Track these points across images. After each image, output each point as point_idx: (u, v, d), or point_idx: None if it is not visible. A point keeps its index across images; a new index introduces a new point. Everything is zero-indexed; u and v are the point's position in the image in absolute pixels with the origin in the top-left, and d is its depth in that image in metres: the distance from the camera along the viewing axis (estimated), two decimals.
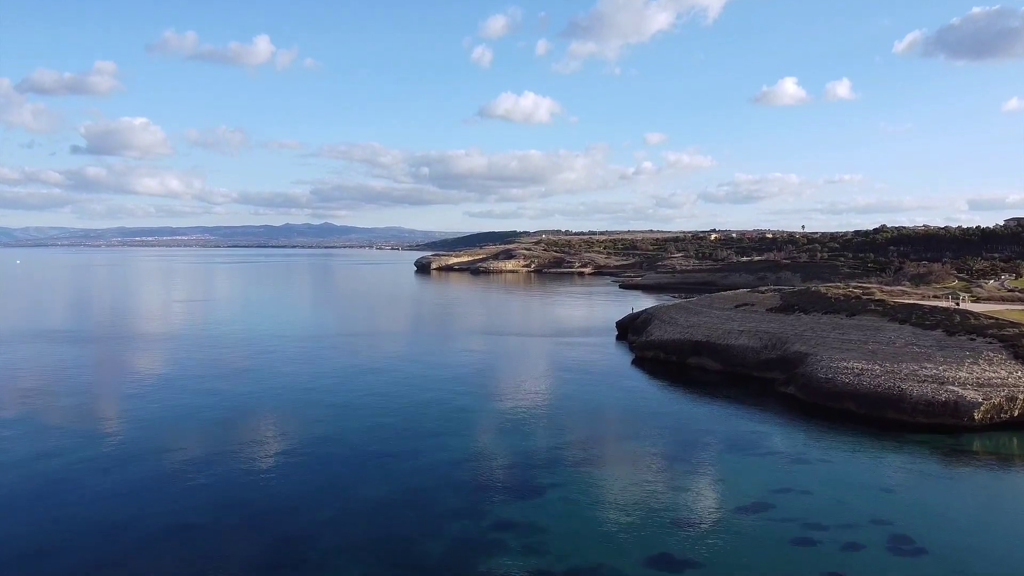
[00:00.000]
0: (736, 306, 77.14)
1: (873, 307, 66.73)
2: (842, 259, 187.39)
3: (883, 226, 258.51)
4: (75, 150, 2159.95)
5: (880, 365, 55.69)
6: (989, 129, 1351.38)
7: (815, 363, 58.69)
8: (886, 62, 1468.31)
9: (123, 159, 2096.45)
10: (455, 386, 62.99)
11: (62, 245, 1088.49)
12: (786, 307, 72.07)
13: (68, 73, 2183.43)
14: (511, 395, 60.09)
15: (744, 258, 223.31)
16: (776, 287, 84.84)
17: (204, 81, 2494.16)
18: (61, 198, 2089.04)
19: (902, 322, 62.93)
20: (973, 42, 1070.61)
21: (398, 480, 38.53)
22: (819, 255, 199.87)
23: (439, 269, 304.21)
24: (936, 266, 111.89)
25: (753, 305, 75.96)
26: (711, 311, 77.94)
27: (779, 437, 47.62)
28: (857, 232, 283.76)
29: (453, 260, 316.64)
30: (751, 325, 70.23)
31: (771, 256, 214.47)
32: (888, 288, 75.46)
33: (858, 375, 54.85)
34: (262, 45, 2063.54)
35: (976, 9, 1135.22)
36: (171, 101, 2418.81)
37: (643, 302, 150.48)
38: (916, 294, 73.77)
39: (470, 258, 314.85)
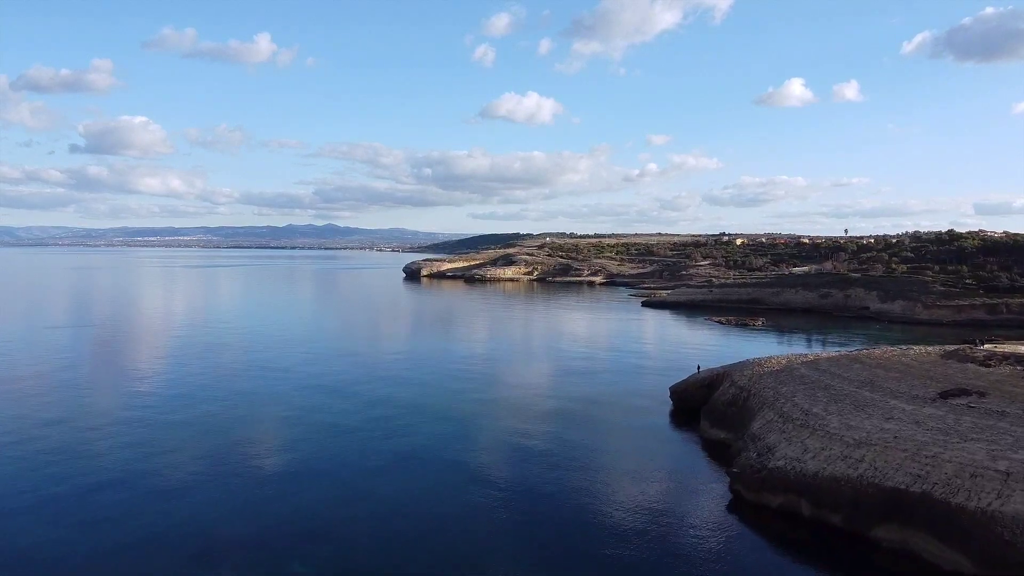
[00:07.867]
0: (943, 394, 37.24)
1: None
2: (929, 273, 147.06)
3: (951, 230, 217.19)
4: (74, 149, 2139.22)
5: None
6: (997, 132, 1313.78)
7: None
8: (894, 63, 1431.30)
9: (123, 158, 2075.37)
10: None
11: (63, 245, 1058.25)
12: None
13: (65, 70, 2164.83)
14: None
15: (796, 269, 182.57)
16: (1012, 347, 44.33)
17: (204, 79, 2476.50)
18: (65, 197, 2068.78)
19: None
20: (982, 43, 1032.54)
21: None
22: (894, 266, 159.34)
23: (430, 276, 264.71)
24: None
25: (985, 395, 36.12)
26: (890, 401, 37.72)
27: None
28: (915, 237, 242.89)
29: (446, 266, 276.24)
30: (1021, 455, 30.53)
31: (830, 266, 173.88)
32: None
33: None
34: (263, 43, 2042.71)
35: (989, 9, 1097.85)
36: (170, 99, 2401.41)
37: (682, 332, 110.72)
38: None
39: (465, 264, 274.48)
